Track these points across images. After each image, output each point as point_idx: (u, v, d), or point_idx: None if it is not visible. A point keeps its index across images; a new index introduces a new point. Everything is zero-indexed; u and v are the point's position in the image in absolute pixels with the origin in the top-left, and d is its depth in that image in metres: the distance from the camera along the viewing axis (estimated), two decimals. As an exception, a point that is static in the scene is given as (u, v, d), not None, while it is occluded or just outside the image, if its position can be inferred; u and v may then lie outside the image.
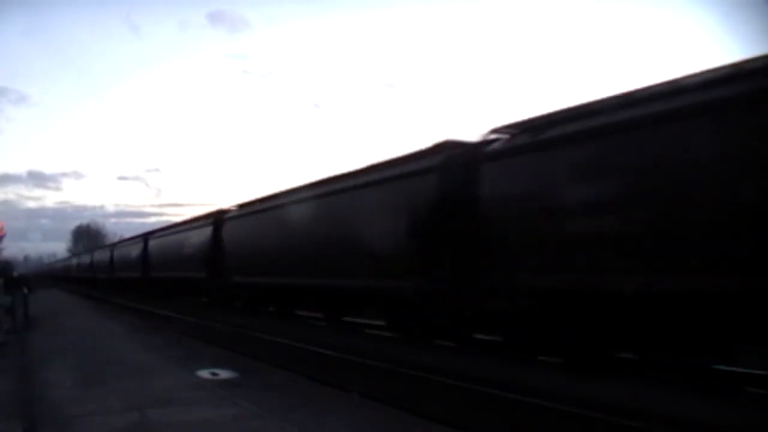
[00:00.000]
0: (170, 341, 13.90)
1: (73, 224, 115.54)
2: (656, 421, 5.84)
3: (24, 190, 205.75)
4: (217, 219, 22.33)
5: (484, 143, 10.27)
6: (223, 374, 8.97)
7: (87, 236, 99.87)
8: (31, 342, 14.09)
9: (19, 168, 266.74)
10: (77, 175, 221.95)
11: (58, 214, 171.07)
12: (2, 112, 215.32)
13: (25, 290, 19.94)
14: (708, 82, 7.01)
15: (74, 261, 70.43)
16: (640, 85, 7.93)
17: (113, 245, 43.46)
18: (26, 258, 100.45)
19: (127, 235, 51.45)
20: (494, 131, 10.18)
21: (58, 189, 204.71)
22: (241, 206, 21.30)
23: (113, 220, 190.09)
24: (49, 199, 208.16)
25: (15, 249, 71.23)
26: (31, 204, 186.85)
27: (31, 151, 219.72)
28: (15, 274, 28.04)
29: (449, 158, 10.58)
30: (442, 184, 10.37)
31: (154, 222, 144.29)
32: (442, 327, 11.41)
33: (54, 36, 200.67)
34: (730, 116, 6.67)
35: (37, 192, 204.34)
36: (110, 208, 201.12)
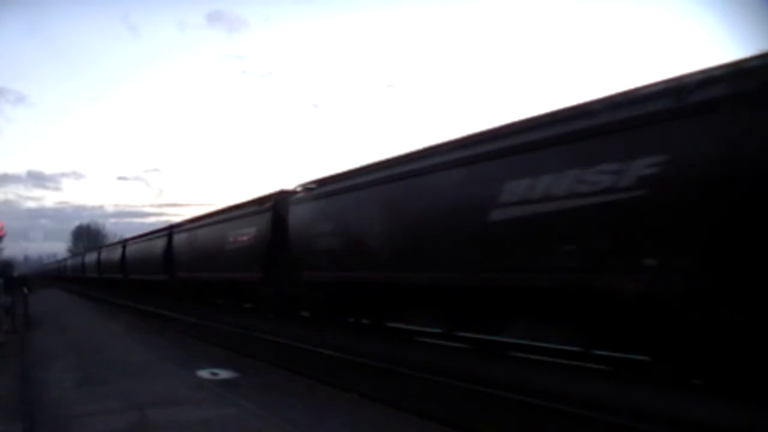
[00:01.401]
0: (170, 341, 13.92)
1: (73, 224, 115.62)
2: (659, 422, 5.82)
3: (23, 190, 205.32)
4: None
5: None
6: (223, 374, 8.98)
7: (87, 236, 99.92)
8: (31, 342, 14.10)
9: (19, 168, 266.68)
10: (77, 175, 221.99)
11: (57, 214, 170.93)
12: (1, 113, 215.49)
13: (25, 290, 19.96)
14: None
15: (89, 258, 53.50)
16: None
17: (170, 230, 28.01)
18: (26, 258, 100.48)
19: (127, 235, 47.79)
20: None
21: (57, 189, 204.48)
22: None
23: (113, 220, 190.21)
24: (48, 199, 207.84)
25: (15, 249, 71.02)
26: (31, 204, 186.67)
27: (31, 151, 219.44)
28: (15, 274, 28.06)
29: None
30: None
31: (153, 222, 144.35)
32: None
33: (52, 36, 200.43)
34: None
35: (37, 192, 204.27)
36: (109, 208, 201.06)
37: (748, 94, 6.33)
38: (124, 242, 40.11)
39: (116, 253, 40.63)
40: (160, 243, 29.24)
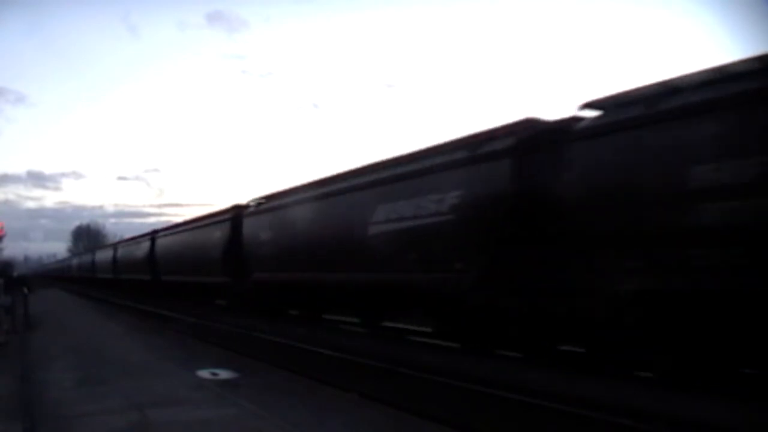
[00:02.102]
0: (170, 341, 13.91)
1: (73, 224, 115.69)
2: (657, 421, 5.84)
3: (23, 190, 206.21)
4: None
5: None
6: (223, 374, 8.97)
7: (87, 236, 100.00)
8: (31, 342, 14.09)
9: (19, 168, 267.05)
10: (76, 175, 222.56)
11: (57, 214, 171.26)
12: (1, 113, 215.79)
13: (25, 290, 19.95)
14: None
15: (102, 256, 44.34)
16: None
17: (236, 211, 19.94)
18: (26, 258, 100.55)
19: (128, 235, 44.32)
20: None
21: (57, 189, 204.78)
22: None
23: (112, 220, 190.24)
24: (48, 199, 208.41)
25: (15, 249, 70.84)
26: (31, 204, 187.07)
27: (31, 151, 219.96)
28: (15, 274, 28.08)
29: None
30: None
31: (153, 222, 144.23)
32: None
33: (52, 36, 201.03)
34: None
35: (37, 192, 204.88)
36: (109, 208, 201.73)
37: None
38: (152, 234, 30.50)
39: (141, 249, 31.58)
40: (216, 233, 20.56)
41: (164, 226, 32.18)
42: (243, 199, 21.79)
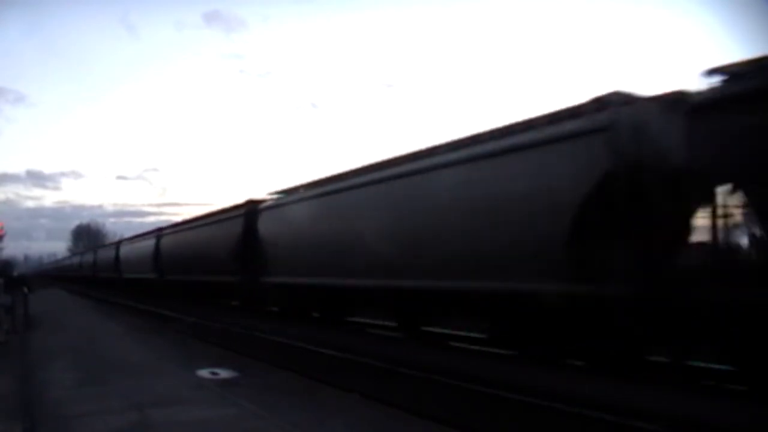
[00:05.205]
0: (170, 341, 13.91)
1: (72, 224, 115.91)
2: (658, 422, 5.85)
3: (23, 190, 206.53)
4: None
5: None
6: (223, 374, 8.98)
7: (87, 236, 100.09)
8: (32, 342, 14.09)
9: (18, 168, 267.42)
10: (76, 175, 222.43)
11: (56, 213, 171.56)
12: (1, 113, 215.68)
13: (25, 290, 19.94)
14: None
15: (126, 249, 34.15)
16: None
17: (250, 206, 18.48)
18: (26, 258, 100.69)
19: (128, 234, 44.07)
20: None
21: (56, 189, 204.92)
22: None
23: (112, 219, 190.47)
24: (48, 198, 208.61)
25: (15, 249, 70.71)
26: (30, 203, 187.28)
27: (30, 150, 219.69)
28: (15, 273, 28.08)
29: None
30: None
31: (152, 221, 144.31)
32: None
33: (52, 36, 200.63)
34: None
35: (36, 192, 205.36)
36: (109, 207, 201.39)
37: None
38: (157, 231, 27.76)
39: (146, 248, 28.26)
40: (228, 230, 18.95)
41: (164, 225, 31.14)
42: (240, 199, 20.82)
